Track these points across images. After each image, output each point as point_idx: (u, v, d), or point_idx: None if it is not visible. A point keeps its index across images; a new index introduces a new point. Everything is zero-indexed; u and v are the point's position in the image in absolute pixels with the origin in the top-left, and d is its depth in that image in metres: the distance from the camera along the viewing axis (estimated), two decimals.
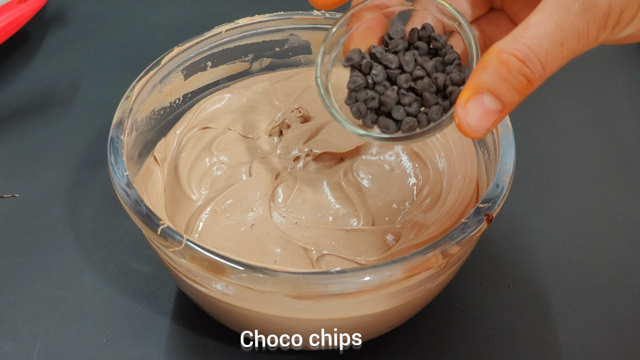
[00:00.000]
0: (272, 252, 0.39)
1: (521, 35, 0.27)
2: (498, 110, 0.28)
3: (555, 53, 0.27)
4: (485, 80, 0.28)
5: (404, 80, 0.32)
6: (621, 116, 0.58)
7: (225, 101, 0.48)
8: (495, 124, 0.29)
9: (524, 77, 0.27)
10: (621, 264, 0.47)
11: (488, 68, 0.28)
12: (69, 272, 0.46)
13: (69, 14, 0.69)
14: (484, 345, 0.42)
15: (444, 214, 0.40)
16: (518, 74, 0.27)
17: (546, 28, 0.27)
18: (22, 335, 0.43)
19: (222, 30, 0.47)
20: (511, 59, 0.27)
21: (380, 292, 0.34)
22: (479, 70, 0.28)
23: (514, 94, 0.28)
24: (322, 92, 0.34)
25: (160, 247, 0.36)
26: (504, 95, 0.28)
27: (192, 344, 0.42)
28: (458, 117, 0.28)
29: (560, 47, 0.27)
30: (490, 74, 0.28)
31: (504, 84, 0.28)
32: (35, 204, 0.50)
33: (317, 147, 0.44)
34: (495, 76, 0.28)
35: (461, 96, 0.28)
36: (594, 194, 0.52)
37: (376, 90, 0.32)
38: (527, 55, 0.27)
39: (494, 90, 0.28)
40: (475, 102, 0.28)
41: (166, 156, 0.44)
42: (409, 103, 0.32)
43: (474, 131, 0.28)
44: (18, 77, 0.62)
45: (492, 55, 0.27)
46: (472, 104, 0.28)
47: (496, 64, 0.27)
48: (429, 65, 0.32)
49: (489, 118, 0.28)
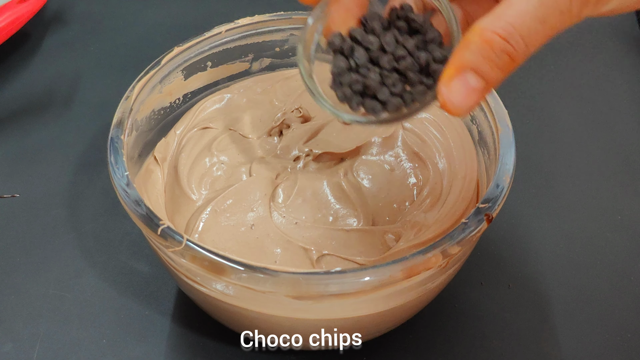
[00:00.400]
0: (272, 252, 0.39)
1: (504, 13, 0.27)
2: (481, 87, 0.28)
3: (538, 30, 0.27)
4: (468, 58, 0.28)
5: (386, 61, 0.31)
6: (621, 116, 0.58)
7: (225, 101, 0.48)
8: (478, 101, 0.28)
9: (507, 55, 0.27)
10: (621, 264, 0.47)
11: (471, 46, 0.27)
12: (69, 272, 0.46)
13: (69, 14, 0.69)
14: (484, 345, 0.42)
15: (444, 214, 0.40)
16: (501, 52, 0.27)
17: (528, 5, 0.27)
18: (22, 335, 0.43)
19: (222, 30, 0.47)
20: (494, 37, 0.27)
21: (380, 292, 0.34)
22: (462, 49, 0.28)
23: (497, 71, 0.28)
24: (305, 78, 0.33)
25: (160, 247, 0.36)
26: (487, 73, 0.28)
27: (192, 344, 0.42)
28: (441, 95, 0.28)
29: (543, 24, 0.27)
30: (473, 53, 0.27)
31: (487, 62, 0.28)
32: (35, 204, 0.50)
33: (317, 147, 0.44)
34: (478, 54, 0.27)
35: (444, 74, 0.28)
36: (594, 194, 0.52)
37: (360, 72, 0.32)
38: (510, 33, 0.27)
39: (477, 69, 0.28)
40: (459, 81, 0.28)
41: (166, 156, 0.44)
42: (393, 83, 0.31)
43: (457, 109, 0.28)
44: (18, 77, 0.62)
45: (475, 33, 0.27)
46: (455, 82, 0.28)
47: (479, 42, 0.27)
48: (410, 45, 0.31)
49: (473, 96, 0.28)
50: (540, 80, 0.62)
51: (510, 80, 0.64)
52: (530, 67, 0.64)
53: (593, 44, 0.66)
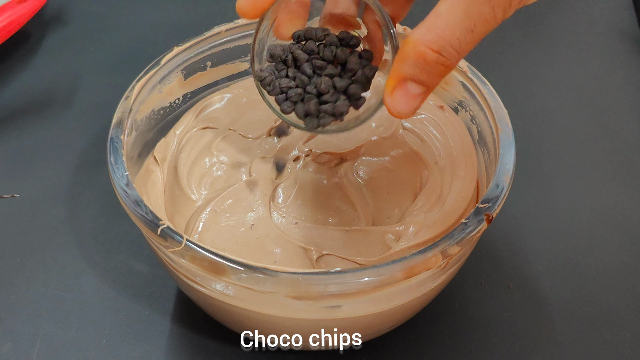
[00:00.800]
0: (272, 252, 0.39)
1: (433, 25, 0.29)
2: (422, 92, 0.31)
3: (467, 39, 0.29)
4: (406, 70, 0.30)
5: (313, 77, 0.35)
6: (621, 116, 0.58)
7: (225, 101, 0.48)
8: (421, 103, 0.31)
9: (441, 65, 0.30)
10: (621, 264, 0.47)
11: (407, 60, 0.30)
12: (69, 273, 0.46)
13: (69, 14, 0.69)
14: (484, 345, 0.42)
15: (444, 214, 0.40)
16: (435, 64, 0.30)
17: (456, 17, 0.29)
18: (22, 335, 0.43)
19: (222, 30, 0.47)
20: (427, 51, 0.29)
21: (380, 292, 0.34)
22: (399, 62, 0.30)
23: (434, 78, 0.31)
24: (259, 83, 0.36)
25: (160, 248, 0.36)
26: (425, 81, 0.31)
27: (192, 344, 0.42)
28: (387, 105, 0.31)
29: (471, 33, 0.29)
30: (410, 65, 0.30)
31: (423, 72, 0.30)
32: (35, 204, 0.50)
33: (317, 147, 0.44)
34: (414, 67, 0.30)
35: (387, 86, 0.31)
36: (594, 194, 0.52)
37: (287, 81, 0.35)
38: (442, 46, 0.29)
39: (415, 79, 0.30)
40: (401, 90, 0.31)
41: (166, 156, 0.44)
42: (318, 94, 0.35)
43: (402, 114, 0.31)
44: (18, 77, 0.62)
45: (410, 47, 0.30)
46: (397, 92, 0.31)
47: (414, 56, 0.30)
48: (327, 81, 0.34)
49: (415, 100, 0.31)
50: (540, 80, 0.62)
51: (510, 80, 0.64)
52: (530, 67, 0.64)
53: (593, 44, 0.66)
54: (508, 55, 0.65)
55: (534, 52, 0.65)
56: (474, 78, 0.44)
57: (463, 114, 0.46)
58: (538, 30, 0.68)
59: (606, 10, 0.70)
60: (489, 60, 0.63)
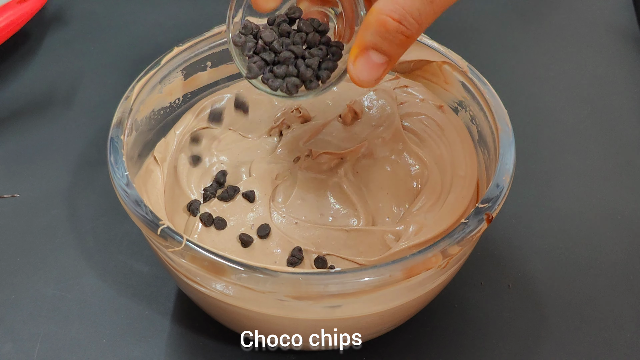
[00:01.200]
0: (272, 252, 0.39)
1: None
2: (384, 62, 0.32)
3: (427, 10, 0.31)
4: (368, 39, 0.31)
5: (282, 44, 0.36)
6: (621, 116, 0.58)
7: (225, 101, 0.48)
8: (384, 73, 0.32)
9: (402, 34, 0.31)
10: (621, 264, 0.47)
11: (370, 28, 0.31)
12: (69, 272, 0.46)
13: (69, 14, 0.69)
14: (484, 345, 0.42)
15: (444, 214, 0.40)
16: (396, 33, 0.31)
17: None
18: (22, 335, 0.43)
19: (222, 30, 0.47)
20: (388, 19, 0.30)
21: (380, 292, 0.34)
22: (363, 30, 0.31)
23: (395, 48, 0.31)
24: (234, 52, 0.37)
25: (160, 247, 0.36)
26: (387, 51, 0.31)
27: (192, 344, 0.42)
28: (349, 73, 0.32)
29: (431, 4, 0.31)
30: (372, 34, 0.31)
31: (385, 41, 0.31)
32: (35, 204, 0.50)
33: (317, 147, 0.44)
34: (377, 35, 0.31)
35: (351, 54, 0.32)
36: (594, 194, 0.52)
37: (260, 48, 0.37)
38: (402, 15, 0.30)
39: (378, 47, 0.31)
40: (363, 59, 0.32)
41: (166, 156, 0.44)
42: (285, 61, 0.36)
43: (365, 82, 0.32)
44: (18, 77, 0.62)
45: (372, 15, 0.31)
46: (360, 60, 0.32)
47: (375, 24, 0.31)
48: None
49: (377, 70, 0.32)
50: (540, 80, 0.62)
51: (511, 80, 0.64)
52: (530, 67, 0.64)
53: (593, 44, 0.66)
54: (508, 55, 0.65)
55: (534, 52, 0.65)
56: (474, 78, 0.44)
57: (463, 114, 0.46)
58: (538, 30, 0.68)
59: (606, 10, 0.70)
60: (489, 60, 0.63)
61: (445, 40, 0.47)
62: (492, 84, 0.43)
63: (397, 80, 0.49)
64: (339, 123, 0.46)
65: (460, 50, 0.46)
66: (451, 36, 0.48)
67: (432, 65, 0.47)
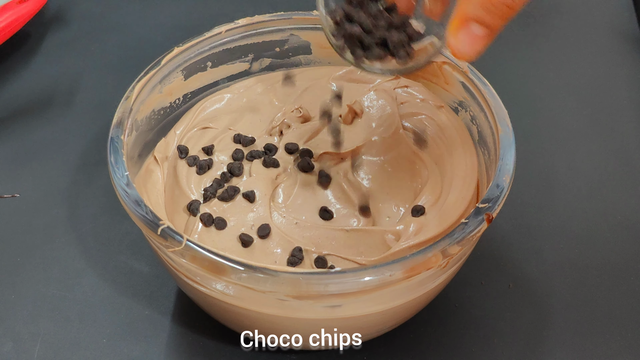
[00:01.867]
0: (272, 252, 0.39)
1: None
2: (486, 34, 0.32)
3: None
4: (470, 11, 0.31)
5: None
6: (621, 116, 0.58)
7: (225, 101, 0.48)
8: (485, 46, 0.32)
9: (506, 5, 0.30)
10: (621, 264, 0.47)
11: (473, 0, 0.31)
12: (69, 272, 0.46)
13: (69, 14, 0.69)
14: (484, 345, 0.42)
15: (444, 214, 0.40)
16: (500, 4, 0.30)
17: None
18: (22, 335, 0.43)
19: (222, 30, 0.47)
20: None
21: (380, 292, 0.34)
22: (465, 2, 0.31)
23: (498, 20, 0.31)
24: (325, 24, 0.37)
25: (160, 247, 0.36)
26: (489, 23, 0.31)
27: (192, 344, 0.42)
28: (450, 45, 0.32)
29: None
30: (475, 6, 0.31)
31: (488, 13, 0.31)
32: (35, 204, 0.50)
33: (317, 147, 0.44)
34: (479, 7, 0.31)
35: (451, 27, 0.32)
36: (594, 194, 0.52)
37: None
38: None
39: (480, 19, 0.31)
40: (464, 31, 0.32)
41: (166, 156, 0.44)
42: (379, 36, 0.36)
43: (466, 55, 0.32)
44: (18, 77, 0.62)
45: None
46: (461, 32, 0.32)
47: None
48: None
49: (479, 42, 0.32)
50: (540, 80, 0.62)
51: (511, 80, 0.64)
52: (530, 68, 0.64)
53: (593, 44, 0.66)
54: (508, 56, 0.65)
55: (534, 52, 0.65)
56: (474, 78, 0.44)
57: (463, 114, 0.46)
58: (538, 31, 0.68)
59: (606, 10, 0.70)
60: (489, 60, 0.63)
61: None
62: (492, 84, 0.43)
63: (397, 80, 0.49)
64: (339, 123, 0.46)
65: None
66: None
67: (432, 65, 0.47)
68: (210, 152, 0.44)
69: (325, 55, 0.51)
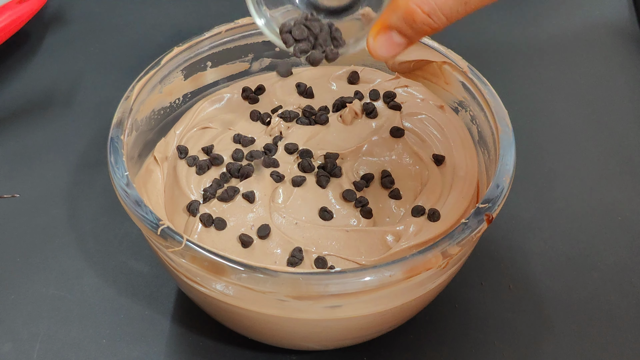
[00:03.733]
0: (272, 252, 0.39)
1: None
2: (403, 43, 0.33)
3: (459, 10, 0.31)
4: (393, 21, 0.32)
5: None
6: (621, 116, 0.58)
7: (225, 101, 0.48)
8: (400, 52, 0.34)
9: (427, 26, 0.31)
10: (621, 264, 0.47)
11: (397, 12, 0.32)
12: (69, 272, 0.46)
13: (69, 14, 0.69)
14: (484, 345, 0.42)
15: (444, 214, 0.40)
16: (422, 24, 0.31)
17: None
18: (22, 335, 0.43)
19: (222, 30, 0.47)
20: (417, 10, 0.31)
21: (380, 292, 0.34)
22: (390, 11, 0.32)
23: (417, 35, 0.32)
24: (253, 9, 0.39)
25: (160, 247, 0.36)
26: (409, 35, 0.33)
27: (192, 344, 0.42)
28: (368, 46, 0.34)
29: (465, 5, 0.31)
30: (398, 18, 0.32)
31: (409, 28, 0.32)
32: (35, 204, 0.50)
33: (317, 147, 0.44)
34: (402, 21, 0.32)
35: (372, 29, 0.33)
36: (594, 194, 0.52)
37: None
38: (433, 10, 0.31)
39: (400, 31, 0.32)
40: (384, 36, 0.33)
41: (166, 156, 0.44)
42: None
43: (381, 58, 0.34)
44: (18, 77, 0.62)
45: (403, 1, 0.31)
46: (381, 37, 0.33)
47: (404, 11, 0.31)
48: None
49: (395, 48, 0.33)
50: (540, 80, 0.62)
51: (511, 80, 0.64)
52: (530, 67, 0.64)
53: (593, 44, 0.66)
54: (508, 56, 0.65)
55: (534, 52, 0.65)
56: (474, 78, 0.44)
57: (463, 114, 0.46)
58: (538, 30, 0.68)
59: (606, 10, 0.70)
60: (489, 60, 0.63)
61: (445, 40, 0.47)
62: (492, 84, 0.43)
63: (397, 80, 0.49)
64: (339, 123, 0.46)
65: (461, 50, 0.46)
66: (451, 36, 0.48)
67: (432, 65, 0.47)
68: (210, 152, 0.44)
69: None
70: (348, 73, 0.49)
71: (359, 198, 0.41)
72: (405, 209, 0.42)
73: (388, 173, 0.43)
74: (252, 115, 0.47)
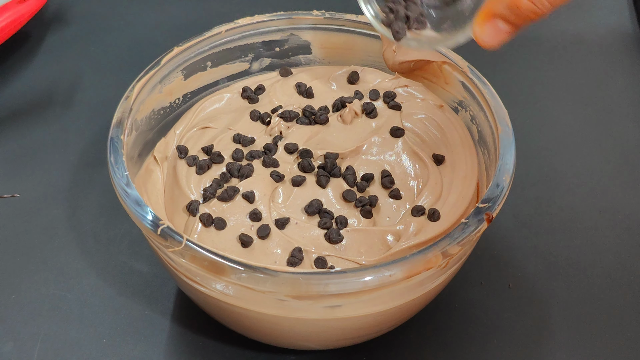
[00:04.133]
0: (272, 252, 0.39)
1: None
2: (509, 30, 0.34)
3: None
4: (499, 9, 0.33)
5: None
6: (621, 116, 0.58)
7: (225, 101, 0.48)
8: (507, 39, 0.34)
9: (532, 13, 0.32)
10: (621, 264, 0.47)
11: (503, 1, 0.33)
12: (69, 272, 0.46)
13: (69, 14, 0.69)
14: (484, 345, 0.42)
15: (444, 214, 0.40)
16: (527, 11, 0.32)
17: None
18: (22, 335, 0.43)
19: (222, 30, 0.47)
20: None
21: (380, 292, 0.34)
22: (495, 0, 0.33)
23: (521, 21, 0.33)
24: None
25: (160, 247, 0.36)
26: (514, 22, 0.33)
27: (192, 344, 0.42)
28: (475, 34, 0.35)
29: None
30: (503, 6, 0.33)
31: (513, 14, 0.33)
32: (35, 204, 0.51)
33: (317, 147, 0.44)
34: (507, 9, 0.33)
35: (478, 18, 0.34)
36: (594, 194, 0.52)
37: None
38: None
39: (505, 18, 0.33)
40: (490, 24, 0.34)
41: (166, 156, 0.44)
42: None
43: (488, 45, 0.35)
44: (18, 77, 0.62)
45: None
46: (487, 25, 0.34)
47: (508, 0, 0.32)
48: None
49: (502, 36, 0.34)
50: (540, 80, 0.62)
51: (511, 80, 0.64)
52: (530, 67, 0.64)
53: (593, 44, 0.66)
54: (508, 55, 0.65)
55: (534, 52, 0.65)
56: (474, 78, 0.44)
57: (463, 114, 0.46)
58: (538, 30, 0.68)
59: (606, 10, 0.70)
60: (489, 60, 0.63)
61: None
62: (492, 84, 0.43)
63: (397, 80, 0.49)
64: (339, 123, 0.46)
65: (461, 50, 0.46)
66: None
67: (432, 65, 0.47)
68: (209, 152, 0.44)
69: (325, 55, 0.51)
70: (348, 73, 0.49)
71: (359, 198, 0.41)
72: (405, 209, 0.42)
73: (388, 173, 0.43)
74: (252, 115, 0.47)
